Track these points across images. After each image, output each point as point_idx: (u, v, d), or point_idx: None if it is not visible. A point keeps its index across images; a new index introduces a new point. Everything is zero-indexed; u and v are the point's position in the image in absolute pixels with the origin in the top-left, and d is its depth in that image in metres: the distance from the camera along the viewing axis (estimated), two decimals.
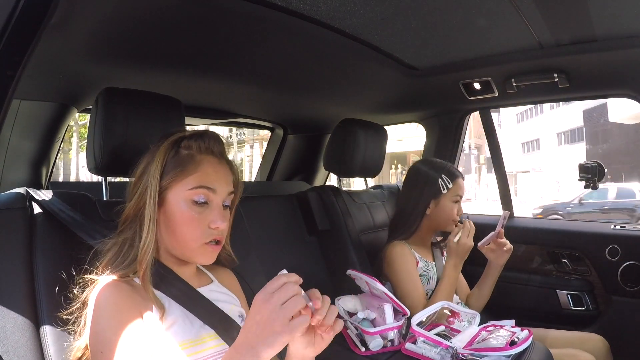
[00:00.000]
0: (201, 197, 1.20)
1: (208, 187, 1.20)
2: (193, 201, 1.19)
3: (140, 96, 1.54)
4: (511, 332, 1.70)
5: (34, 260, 1.25)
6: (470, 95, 2.67)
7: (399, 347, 1.76)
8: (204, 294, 1.26)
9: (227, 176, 1.27)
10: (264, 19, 1.69)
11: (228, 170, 1.28)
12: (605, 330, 2.31)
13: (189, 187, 1.19)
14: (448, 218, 2.21)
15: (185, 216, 1.19)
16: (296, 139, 3.62)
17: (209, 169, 1.22)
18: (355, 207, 2.52)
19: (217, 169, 1.24)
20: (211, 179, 1.21)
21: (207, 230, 1.20)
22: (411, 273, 2.12)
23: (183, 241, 1.21)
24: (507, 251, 2.16)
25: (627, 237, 2.45)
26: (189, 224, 1.19)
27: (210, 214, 1.20)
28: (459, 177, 2.25)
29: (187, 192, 1.19)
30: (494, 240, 2.16)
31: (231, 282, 1.46)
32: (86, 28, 1.54)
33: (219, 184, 1.22)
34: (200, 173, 1.21)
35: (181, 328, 1.16)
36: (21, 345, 1.14)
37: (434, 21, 1.87)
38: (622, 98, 2.42)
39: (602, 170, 2.54)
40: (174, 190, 1.20)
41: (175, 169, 1.20)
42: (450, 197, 2.20)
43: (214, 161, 1.25)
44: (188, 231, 1.20)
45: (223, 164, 1.27)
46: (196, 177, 1.20)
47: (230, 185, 1.28)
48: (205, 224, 1.20)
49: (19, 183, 1.82)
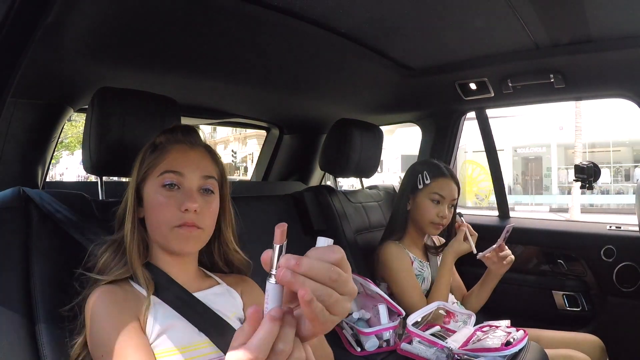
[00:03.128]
0: (168, 181, 1.21)
1: (175, 170, 1.22)
2: (162, 186, 1.21)
3: (136, 96, 1.54)
4: (506, 333, 1.70)
5: (29, 260, 1.25)
6: (466, 95, 2.67)
7: (394, 347, 1.76)
8: (202, 298, 1.23)
9: (201, 161, 1.27)
10: (260, 19, 1.69)
11: (203, 156, 1.29)
12: (601, 331, 2.32)
13: (158, 174, 1.22)
14: (423, 217, 2.17)
15: (156, 201, 1.21)
16: (292, 138, 3.61)
17: (176, 155, 1.24)
18: (350, 208, 2.52)
19: (187, 154, 1.26)
20: (179, 162, 1.23)
21: (177, 213, 1.19)
22: (408, 272, 2.12)
23: (157, 227, 1.22)
24: (507, 263, 2.12)
25: (623, 238, 2.45)
26: (159, 208, 1.20)
27: (180, 196, 1.20)
28: (444, 176, 2.19)
29: (156, 179, 1.22)
30: (495, 252, 2.13)
31: (245, 289, 1.39)
32: (82, 28, 1.54)
33: (189, 168, 1.23)
34: (168, 159, 1.23)
35: (174, 334, 1.14)
36: (16, 344, 1.14)
37: (430, 21, 1.88)
38: (618, 98, 2.42)
39: (598, 171, 2.55)
40: (148, 182, 1.24)
41: (149, 163, 1.24)
42: (427, 194, 2.16)
43: (184, 148, 1.26)
44: (159, 215, 1.20)
45: (196, 150, 1.28)
46: (164, 164, 1.22)
47: (206, 169, 1.27)
48: (176, 207, 1.19)
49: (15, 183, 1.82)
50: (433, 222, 2.15)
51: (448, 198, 2.17)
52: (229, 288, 1.35)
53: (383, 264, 2.17)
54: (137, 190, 1.25)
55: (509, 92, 2.52)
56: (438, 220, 2.14)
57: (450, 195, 2.18)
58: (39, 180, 2.22)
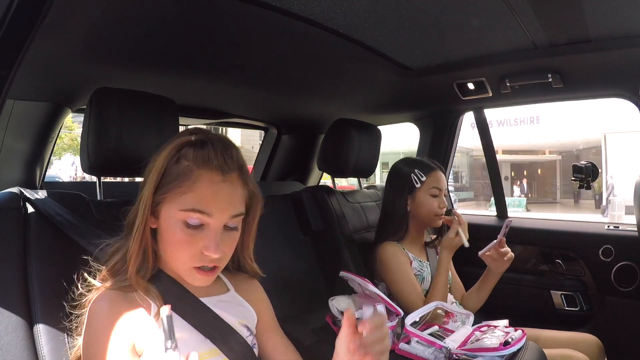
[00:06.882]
0: (194, 222, 1.06)
1: (203, 211, 1.05)
2: (186, 223, 1.06)
3: (134, 96, 1.54)
4: (505, 332, 1.70)
5: (27, 260, 1.24)
6: (464, 95, 2.67)
7: (392, 347, 1.75)
8: (211, 305, 1.17)
9: (233, 196, 1.11)
10: (257, 19, 1.69)
11: (235, 186, 1.12)
12: (599, 331, 2.32)
13: (182, 208, 1.06)
14: (429, 213, 2.19)
15: (176, 237, 1.07)
16: (290, 139, 3.62)
17: (206, 190, 1.06)
18: (348, 208, 2.52)
19: (218, 188, 1.08)
20: (208, 201, 1.06)
21: (199, 255, 1.08)
22: (406, 271, 2.11)
23: (172, 260, 1.12)
24: (507, 260, 2.11)
25: (621, 238, 2.46)
26: (179, 246, 1.08)
27: (204, 238, 1.07)
28: (435, 170, 2.24)
29: (180, 212, 1.06)
30: (495, 249, 2.12)
31: (251, 293, 1.34)
32: (80, 28, 1.54)
33: (218, 208, 1.07)
34: (195, 194, 1.06)
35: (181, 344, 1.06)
36: (15, 345, 1.13)
37: (428, 21, 1.87)
38: (616, 98, 2.42)
39: (596, 171, 2.55)
40: (167, 205, 1.08)
41: (171, 183, 1.07)
42: (427, 191, 2.19)
43: (215, 178, 1.08)
44: (177, 252, 1.09)
45: (228, 179, 1.10)
46: (191, 198, 1.05)
47: (236, 207, 1.12)
48: (198, 248, 1.07)
49: (13, 183, 1.82)
50: (437, 214, 2.19)
51: (443, 189, 2.25)
52: (237, 295, 1.30)
53: (381, 264, 2.17)
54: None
55: (507, 92, 2.52)
56: (441, 211, 2.20)
57: (445, 185, 2.28)
58: (37, 180, 2.22)
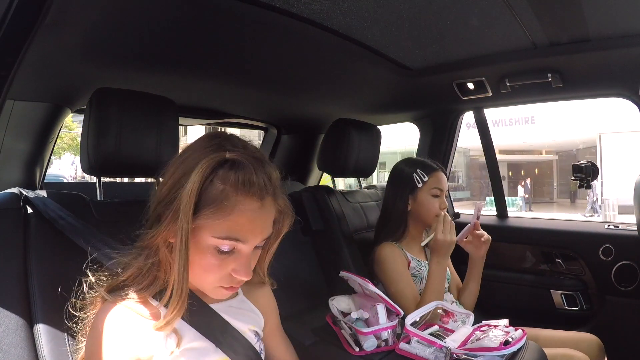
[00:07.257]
0: (227, 248, 1.02)
1: (238, 239, 1.02)
2: (217, 249, 1.02)
3: (133, 96, 1.54)
4: (505, 332, 1.70)
5: (27, 260, 1.24)
6: (464, 95, 2.68)
7: (393, 347, 1.75)
8: (220, 311, 1.16)
9: (267, 221, 1.09)
10: (257, 19, 1.69)
11: (270, 209, 1.09)
12: (599, 330, 2.32)
13: (216, 235, 1.01)
14: (429, 213, 2.19)
15: (206, 261, 1.04)
16: (290, 139, 3.62)
17: (243, 218, 1.01)
18: (348, 207, 2.52)
19: (256, 215, 1.03)
20: (244, 230, 1.02)
21: (227, 277, 1.06)
22: (402, 273, 2.12)
23: (198, 280, 1.09)
24: (485, 242, 2.18)
25: (621, 237, 2.46)
26: (208, 270, 1.05)
27: (234, 261, 1.05)
28: (437, 170, 2.25)
29: (213, 238, 1.01)
30: (471, 233, 2.18)
31: (261, 297, 1.33)
32: (80, 28, 1.54)
33: (252, 235, 1.04)
34: (231, 222, 1.00)
35: (192, 353, 1.08)
36: (15, 345, 1.13)
37: (427, 21, 1.87)
38: (616, 97, 2.42)
39: (596, 170, 2.55)
40: (198, 231, 1.02)
41: (205, 208, 0.99)
42: (428, 191, 2.20)
43: (253, 205, 1.02)
44: (205, 275, 1.06)
45: (265, 205, 1.06)
46: (226, 226, 1.00)
47: (269, 228, 1.10)
48: (227, 271, 1.05)
49: (13, 183, 1.82)
50: (437, 215, 2.18)
51: (444, 189, 2.24)
52: (246, 300, 1.29)
53: (377, 264, 2.18)
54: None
55: (506, 92, 2.52)
56: (440, 211, 2.19)
57: (446, 186, 2.27)
58: (37, 180, 2.22)
